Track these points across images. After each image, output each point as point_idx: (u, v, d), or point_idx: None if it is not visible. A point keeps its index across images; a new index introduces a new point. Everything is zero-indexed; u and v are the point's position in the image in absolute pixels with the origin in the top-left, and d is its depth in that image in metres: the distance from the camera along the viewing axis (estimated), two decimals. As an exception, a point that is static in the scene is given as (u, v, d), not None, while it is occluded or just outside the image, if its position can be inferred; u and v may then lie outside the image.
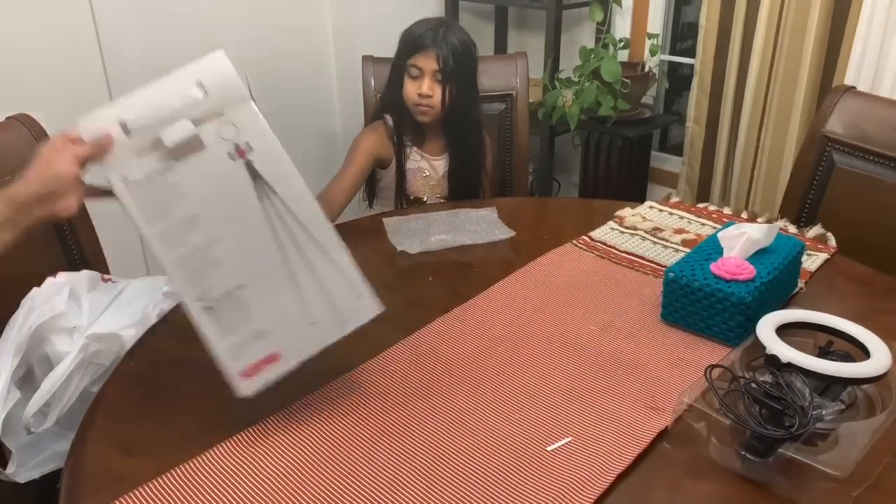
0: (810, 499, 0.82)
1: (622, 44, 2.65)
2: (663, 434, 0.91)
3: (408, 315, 1.18)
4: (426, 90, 1.60)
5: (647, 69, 2.66)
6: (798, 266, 1.23)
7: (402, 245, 1.40)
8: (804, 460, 0.81)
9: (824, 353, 0.99)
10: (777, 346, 0.94)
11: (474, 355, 1.07)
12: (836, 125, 1.56)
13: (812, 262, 1.33)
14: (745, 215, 1.54)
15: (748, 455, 0.85)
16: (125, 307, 1.24)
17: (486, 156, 1.78)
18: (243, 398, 0.90)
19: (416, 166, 1.71)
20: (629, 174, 2.71)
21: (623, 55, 2.71)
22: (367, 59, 1.91)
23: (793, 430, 0.83)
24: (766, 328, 0.99)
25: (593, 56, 2.49)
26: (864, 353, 0.97)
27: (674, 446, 0.90)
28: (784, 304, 1.19)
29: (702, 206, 1.57)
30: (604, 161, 2.68)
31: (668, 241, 1.42)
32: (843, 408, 0.91)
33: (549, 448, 0.89)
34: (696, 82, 2.55)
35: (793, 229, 1.46)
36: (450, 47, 1.58)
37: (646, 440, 0.90)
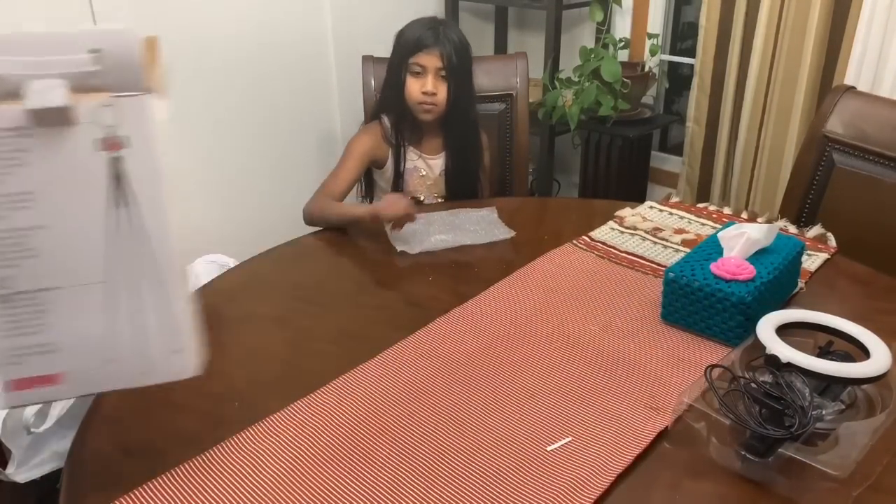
0: (810, 499, 0.82)
1: (622, 44, 2.65)
2: (663, 434, 0.91)
3: (408, 315, 1.18)
4: (431, 88, 1.60)
5: (647, 69, 2.66)
6: (798, 266, 1.23)
7: (402, 245, 1.40)
8: (804, 460, 0.81)
9: (824, 353, 0.99)
10: (777, 346, 0.94)
11: (474, 355, 1.07)
12: (836, 125, 1.56)
13: (812, 262, 1.33)
14: (745, 215, 1.54)
15: (748, 455, 0.85)
16: (125, 307, 1.24)
17: (484, 154, 1.78)
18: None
19: (412, 166, 1.71)
20: (629, 174, 2.71)
21: (623, 55, 2.71)
22: (367, 59, 1.91)
23: (793, 430, 0.83)
24: (766, 328, 0.99)
25: (593, 56, 2.49)
26: (864, 353, 0.97)
27: (674, 446, 0.90)
28: (784, 304, 1.19)
29: (702, 206, 1.57)
30: (604, 161, 2.69)
31: (668, 241, 1.42)
32: (843, 408, 0.91)
33: (549, 448, 0.89)
34: (696, 82, 2.55)
35: (793, 229, 1.46)
36: (452, 44, 1.60)
37: (646, 440, 0.90)
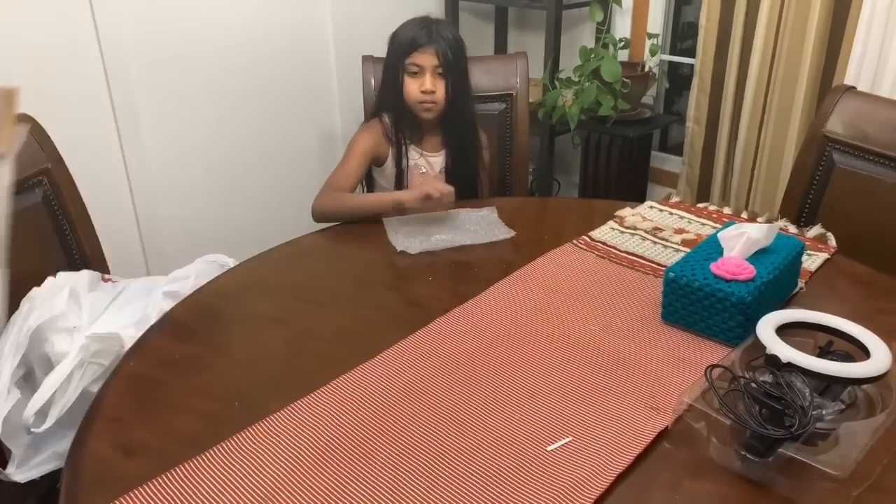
0: (810, 499, 0.82)
1: (622, 44, 2.65)
2: (663, 434, 0.91)
3: (408, 315, 1.18)
4: (429, 86, 1.61)
5: (647, 69, 2.66)
6: (798, 266, 1.23)
7: (402, 245, 1.40)
8: (804, 460, 0.81)
9: (824, 353, 0.99)
10: (777, 346, 0.94)
11: (474, 355, 1.07)
12: (836, 125, 1.56)
13: (812, 262, 1.33)
14: (745, 215, 1.54)
15: (748, 455, 0.85)
16: (125, 307, 1.24)
17: (484, 152, 1.79)
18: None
19: (413, 163, 1.72)
20: (629, 174, 2.70)
21: (623, 55, 2.71)
22: (367, 59, 1.91)
23: (793, 430, 0.83)
24: (766, 328, 0.99)
25: (593, 56, 2.49)
26: (864, 353, 0.97)
27: (674, 446, 0.90)
28: (784, 304, 1.19)
29: (702, 206, 1.57)
30: (604, 161, 2.68)
31: (668, 241, 1.42)
32: (843, 408, 0.91)
33: (549, 448, 0.89)
34: (696, 82, 2.55)
35: (793, 229, 1.46)
36: (446, 42, 1.61)
37: (646, 440, 0.90)
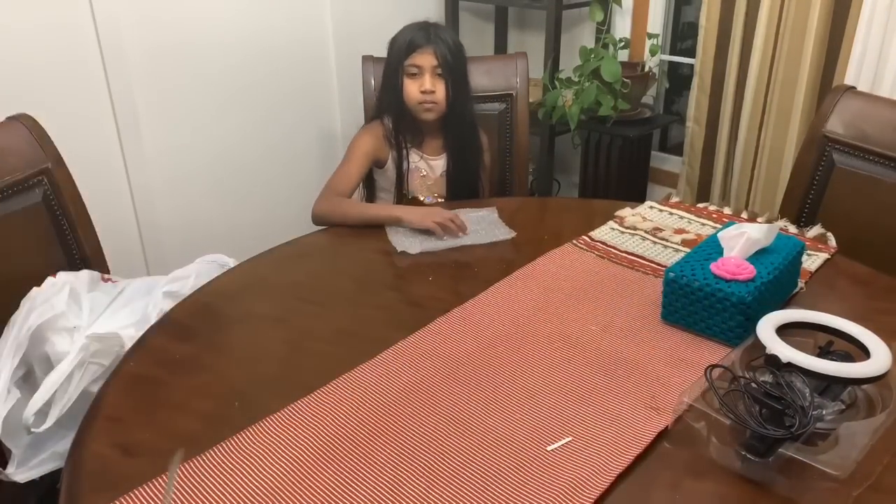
0: (810, 499, 0.82)
1: (622, 44, 2.65)
2: (663, 434, 0.91)
3: (408, 315, 1.18)
4: (429, 86, 1.62)
5: (647, 69, 2.66)
6: (798, 266, 1.23)
7: (402, 245, 1.40)
8: (804, 460, 0.81)
9: (824, 353, 0.99)
10: (777, 346, 0.94)
11: (474, 355, 1.07)
12: (836, 125, 1.56)
13: (812, 262, 1.33)
14: (745, 215, 1.54)
15: (748, 455, 0.84)
16: (125, 307, 1.24)
17: (484, 154, 1.79)
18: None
19: (413, 166, 1.71)
20: (629, 174, 2.70)
21: (623, 55, 2.71)
22: (367, 59, 1.91)
23: (793, 430, 0.83)
24: (766, 328, 0.99)
25: (593, 56, 2.49)
26: (864, 353, 0.97)
27: (674, 446, 0.90)
28: (784, 304, 1.19)
29: (702, 206, 1.57)
30: (604, 161, 2.68)
31: (668, 241, 1.42)
32: (843, 408, 0.91)
33: (549, 448, 0.89)
34: (696, 82, 2.55)
35: (793, 229, 1.46)
36: (445, 43, 1.62)
37: (646, 440, 0.90)
